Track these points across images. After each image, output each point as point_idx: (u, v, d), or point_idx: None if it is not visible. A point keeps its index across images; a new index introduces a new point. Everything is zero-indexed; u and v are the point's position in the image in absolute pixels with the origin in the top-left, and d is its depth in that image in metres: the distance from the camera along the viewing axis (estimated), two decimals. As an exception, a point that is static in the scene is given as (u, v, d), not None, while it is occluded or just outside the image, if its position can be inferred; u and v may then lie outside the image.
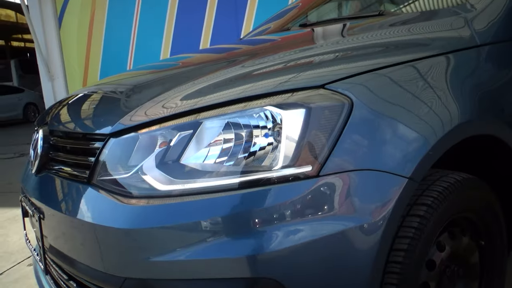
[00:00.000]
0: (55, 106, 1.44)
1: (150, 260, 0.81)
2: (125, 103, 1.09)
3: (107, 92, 1.30)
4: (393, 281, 0.91)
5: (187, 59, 1.67)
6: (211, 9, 6.48)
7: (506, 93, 1.19)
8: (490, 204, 1.17)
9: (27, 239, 1.37)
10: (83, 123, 1.10)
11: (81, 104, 1.28)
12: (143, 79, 1.37)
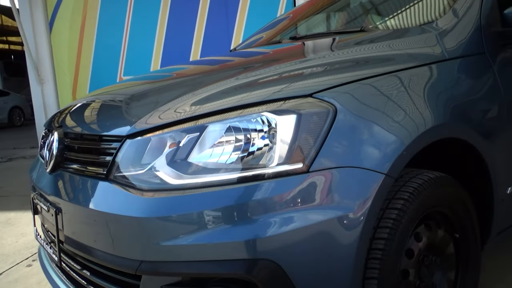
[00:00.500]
0: (64, 111, 1.55)
1: (163, 245, 0.93)
2: (137, 109, 1.21)
3: (116, 98, 1.41)
4: (375, 266, 1.04)
5: (185, 69, 1.79)
6: (202, 16, 6.60)
7: (473, 102, 1.33)
8: (462, 200, 1.31)
9: (38, 234, 1.47)
10: (99, 126, 1.22)
11: (93, 109, 1.39)
12: (149, 87, 1.50)
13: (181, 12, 6.63)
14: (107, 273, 1.09)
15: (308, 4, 2.69)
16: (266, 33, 2.41)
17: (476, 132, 1.32)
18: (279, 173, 0.96)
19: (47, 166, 1.32)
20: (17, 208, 3.46)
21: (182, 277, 0.96)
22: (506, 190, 1.48)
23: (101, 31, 6.94)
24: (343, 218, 0.96)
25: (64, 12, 6.99)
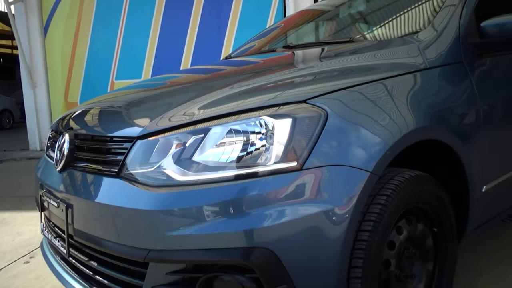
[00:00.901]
0: (70, 114, 1.64)
1: (169, 235, 1.03)
2: (146, 112, 1.31)
3: (123, 103, 1.51)
4: (360, 256, 1.14)
5: (188, 76, 1.90)
6: (194, 24, 6.72)
7: (451, 107, 1.46)
8: (440, 197, 1.42)
9: (45, 229, 1.55)
10: (110, 128, 1.31)
11: (102, 113, 1.48)
12: (154, 93, 1.61)
13: (173, 19, 6.74)
14: (115, 263, 1.18)
15: (299, 14, 2.82)
16: (261, 40, 2.53)
17: (453, 134, 1.45)
18: (275, 170, 1.06)
19: (57, 165, 1.41)
20: (11, 209, 3.50)
21: (186, 264, 1.06)
22: (481, 189, 1.61)
23: (95, 37, 7.02)
24: (332, 211, 1.06)
25: (59, 18, 7.06)
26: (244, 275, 1.03)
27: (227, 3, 6.55)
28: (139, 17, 6.82)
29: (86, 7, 6.97)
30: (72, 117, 1.56)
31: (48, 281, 2.06)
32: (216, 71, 1.91)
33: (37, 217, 3.18)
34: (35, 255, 2.43)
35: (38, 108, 7.32)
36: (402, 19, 1.94)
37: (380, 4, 2.26)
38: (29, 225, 3.00)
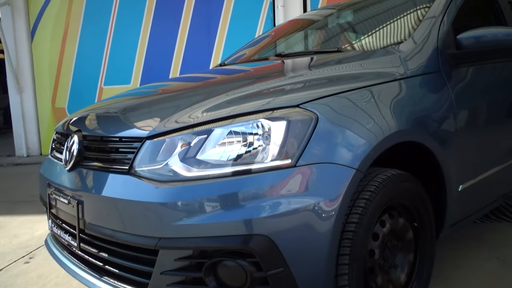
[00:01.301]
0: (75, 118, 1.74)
1: (177, 224, 1.14)
2: (154, 115, 1.42)
3: (130, 107, 1.62)
4: (347, 244, 1.27)
5: (191, 82, 2.02)
6: (183, 28, 6.82)
7: (429, 112, 1.61)
8: (420, 195, 1.56)
9: (53, 226, 1.64)
10: (119, 129, 1.41)
11: (109, 116, 1.59)
12: (159, 97, 1.72)
13: (163, 25, 6.83)
14: (125, 252, 1.29)
15: (290, 23, 2.96)
16: (253, 48, 2.67)
17: (431, 138, 1.59)
18: (271, 167, 1.19)
19: (66, 164, 1.51)
20: (4, 213, 3.54)
21: (193, 251, 1.17)
22: (458, 188, 1.76)
23: (83, 41, 7.05)
24: (322, 203, 1.19)
25: (46, 22, 7.07)
26: (245, 259, 1.15)
27: (216, 10, 6.68)
28: (128, 22, 6.89)
29: (74, 11, 7.01)
30: (79, 120, 1.66)
31: (50, 279, 2.14)
32: (214, 78, 2.03)
33: (32, 220, 3.25)
34: (34, 256, 2.49)
35: (25, 114, 7.29)
36: (386, 30, 2.09)
37: (365, 16, 2.42)
38: (25, 228, 3.05)
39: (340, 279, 1.27)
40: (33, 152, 7.31)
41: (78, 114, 1.78)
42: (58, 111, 7.23)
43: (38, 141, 7.32)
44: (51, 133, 7.21)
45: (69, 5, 7.02)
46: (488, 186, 2.01)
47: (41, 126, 7.34)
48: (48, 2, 7.05)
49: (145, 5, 6.85)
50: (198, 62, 6.81)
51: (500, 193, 2.20)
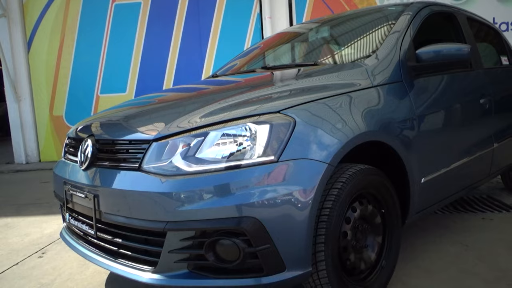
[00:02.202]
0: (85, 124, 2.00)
1: (181, 209, 1.40)
2: (157, 121, 1.68)
3: (135, 114, 1.89)
4: (323, 226, 1.54)
5: (188, 92, 2.30)
6: (176, 38, 7.10)
7: (392, 116, 1.89)
8: (386, 186, 1.84)
9: (70, 218, 1.89)
10: (128, 133, 1.67)
11: (117, 122, 1.84)
12: (161, 105, 2.00)
13: (156, 34, 7.11)
14: (137, 236, 1.55)
15: (277, 36, 3.25)
16: (243, 60, 2.96)
17: (394, 138, 1.88)
18: (258, 163, 1.46)
19: (82, 165, 1.77)
20: (12, 215, 3.77)
21: (195, 232, 1.43)
22: (420, 180, 2.05)
23: (79, 51, 7.28)
24: (300, 192, 1.46)
25: (42, 33, 7.30)
26: (238, 238, 1.41)
27: (207, 21, 6.98)
28: (123, 33, 7.16)
29: (69, 23, 7.25)
30: (91, 126, 1.92)
31: (64, 270, 2.38)
32: (209, 88, 2.31)
33: (39, 221, 3.49)
34: (47, 251, 2.73)
35: (23, 122, 7.48)
36: (356, 45, 2.39)
37: (340, 32, 2.72)
38: (34, 228, 3.29)
39: (317, 255, 1.55)
40: (32, 159, 7.50)
41: (89, 121, 2.04)
42: (56, 119, 7.45)
43: (36, 148, 7.52)
44: (50, 140, 7.44)
45: (64, 17, 7.26)
46: (448, 179, 2.30)
47: (39, 133, 7.54)
48: (43, 14, 7.28)
49: (139, 16, 7.12)
50: (190, 71, 7.09)
51: (461, 186, 2.49)
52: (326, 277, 1.56)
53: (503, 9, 6.59)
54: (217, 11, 6.97)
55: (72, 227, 1.94)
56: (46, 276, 2.32)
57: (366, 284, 1.77)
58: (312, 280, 1.58)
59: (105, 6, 7.18)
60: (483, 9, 6.56)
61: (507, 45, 3.57)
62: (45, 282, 2.23)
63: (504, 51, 3.51)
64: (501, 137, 2.86)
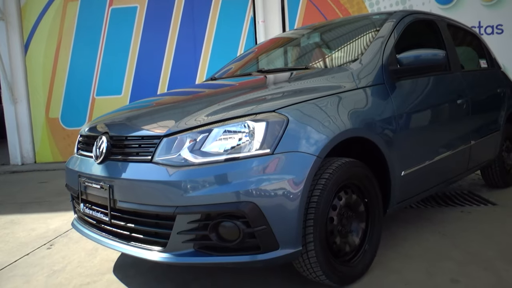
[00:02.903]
0: (97, 123, 2.19)
1: (189, 195, 1.60)
2: (166, 119, 1.89)
3: (145, 112, 2.09)
4: (312, 211, 1.75)
5: (194, 92, 2.52)
6: (171, 41, 7.29)
7: (374, 115, 2.11)
8: (368, 177, 2.06)
9: (85, 207, 2.07)
10: (141, 130, 1.87)
11: (128, 121, 2.04)
12: (169, 105, 2.21)
13: (152, 38, 7.29)
14: (148, 221, 1.74)
15: (270, 41, 3.47)
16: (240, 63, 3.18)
17: (377, 134, 2.09)
18: (256, 155, 1.66)
19: (97, 159, 1.96)
20: (15, 212, 3.92)
21: (201, 215, 1.63)
22: (400, 173, 2.27)
23: (76, 55, 7.44)
24: (292, 180, 1.67)
25: (39, 36, 7.44)
26: (238, 220, 1.62)
27: (202, 24, 7.18)
28: (119, 36, 7.33)
29: (67, 26, 7.41)
30: (104, 124, 2.11)
31: (73, 258, 2.56)
32: (210, 90, 2.51)
33: (43, 217, 3.65)
34: (54, 243, 2.90)
35: (19, 124, 7.59)
36: (343, 51, 2.62)
37: (329, 37, 2.95)
38: (39, 223, 3.45)
39: (307, 237, 1.75)
40: (27, 160, 7.61)
41: (101, 121, 2.23)
42: (51, 121, 7.58)
43: (32, 150, 7.63)
44: (45, 142, 7.58)
45: (61, 20, 7.41)
46: (427, 173, 2.52)
47: (35, 135, 7.65)
48: (41, 18, 7.43)
49: (135, 20, 7.30)
50: (185, 74, 7.29)
51: (439, 180, 2.72)
52: (314, 256, 1.77)
53: (488, 13, 6.89)
54: (212, 16, 7.18)
55: (85, 216, 2.13)
56: (57, 264, 2.49)
57: (350, 265, 1.98)
58: (302, 260, 1.79)
59: (102, 10, 7.34)
60: (469, 13, 6.88)
61: (486, 49, 3.83)
62: (57, 269, 2.41)
63: (483, 54, 3.76)
64: (478, 135, 3.10)
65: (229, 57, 7.07)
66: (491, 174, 3.69)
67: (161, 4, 7.28)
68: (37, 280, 2.27)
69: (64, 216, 3.63)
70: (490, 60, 3.79)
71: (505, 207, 3.19)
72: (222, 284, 2.07)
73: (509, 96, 3.77)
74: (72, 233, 3.09)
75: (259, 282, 2.06)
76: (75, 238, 2.97)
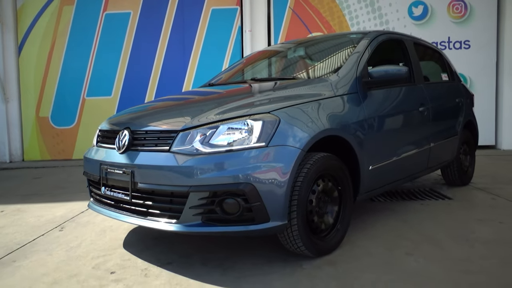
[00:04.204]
0: (121, 119, 2.59)
1: (200, 177, 2.01)
2: (181, 116, 2.30)
3: (163, 109, 2.52)
4: (296, 193, 2.17)
5: (201, 95, 2.97)
6: (162, 46, 7.68)
7: (349, 118, 2.57)
8: (342, 169, 2.51)
9: (107, 189, 2.45)
10: (160, 125, 2.27)
11: (148, 117, 2.45)
12: (181, 105, 2.66)
13: (143, 43, 7.68)
14: (164, 198, 2.15)
15: (259, 53, 3.92)
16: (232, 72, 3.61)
17: (350, 134, 2.55)
18: (253, 147, 2.09)
19: (119, 149, 2.35)
20: (20, 202, 4.20)
21: (209, 193, 2.05)
22: (368, 167, 2.73)
23: (69, 56, 7.73)
24: (282, 167, 2.10)
25: (34, 38, 7.71)
26: (239, 197, 2.04)
27: (191, 31, 7.61)
28: (112, 40, 7.68)
29: (61, 29, 7.69)
30: (125, 120, 2.52)
31: (85, 238, 2.93)
32: (215, 94, 2.95)
33: (48, 206, 3.97)
34: (65, 227, 3.25)
35: (10, 122, 7.79)
36: (324, 64, 3.09)
37: (312, 51, 3.42)
38: (45, 211, 3.77)
39: (292, 214, 2.18)
40: (15, 158, 7.82)
41: (121, 117, 2.64)
42: (41, 120, 7.82)
43: (21, 148, 7.84)
44: (34, 140, 7.85)
45: (56, 23, 7.69)
46: (391, 169, 3.00)
47: (24, 134, 7.87)
48: (36, 20, 7.70)
49: (127, 26, 7.66)
50: (173, 78, 7.69)
51: (402, 175, 3.21)
52: (297, 230, 2.20)
53: (457, 29, 7.55)
54: (201, 24, 7.61)
55: (103, 198, 2.52)
56: (72, 242, 2.85)
57: (325, 240, 2.43)
58: (287, 233, 2.22)
59: (96, 15, 7.67)
60: (440, 29, 7.53)
61: (448, 64, 4.38)
62: (73, 245, 2.77)
63: (445, 69, 4.31)
64: (437, 138, 3.62)
65: (216, 64, 7.58)
66: (450, 173, 4.23)
67: (153, 11, 7.66)
68: (58, 253, 2.63)
69: (67, 206, 3.96)
70: (451, 74, 4.34)
71: (459, 201, 3.71)
72: (219, 256, 2.48)
73: (467, 106, 4.33)
74: (79, 219, 3.44)
75: (248, 255, 2.48)
76: (82, 222, 3.33)
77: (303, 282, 2.09)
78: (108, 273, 2.27)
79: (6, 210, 3.91)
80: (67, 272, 2.30)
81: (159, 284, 2.11)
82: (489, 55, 7.55)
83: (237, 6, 7.57)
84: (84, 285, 2.13)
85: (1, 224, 3.39)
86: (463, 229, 2.90)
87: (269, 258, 2.40)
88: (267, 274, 2.19)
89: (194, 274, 2.21)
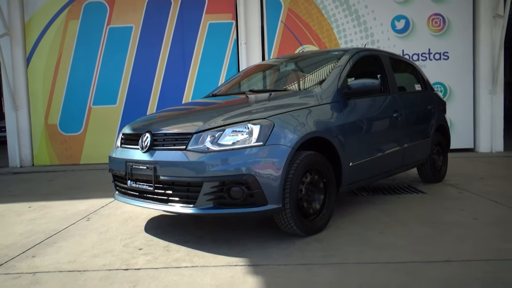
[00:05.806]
0: (142, 124, 3.13)
1: (212, 169, 2.54)
2: (195, 121, 2.85)
3: (176, 116, 3.06)
4: (288, 185, 2.71)
5: (209, 104, 3.53)
6: (163, 58, 8.21)
7: (331, 123, 3.12)
8: (326, 164, 3.06)
9: (133, 183, 2.98)
10: (177, 129, 2.82)
11: (165, 122, 3.00)
12: (194, 111, 3.22)
13: (145, 55, 8.22)
14: (182, 187, 2.68)
15: (256, 66, 4.49)
16: (232, 83, 4.16)
17: (332, 136, 3.10)
18: (253, 145, 2.63)
19: (143, 149, 2.88)
20: (43, 200, 4.68)
21: (219, 182, 2.58)
22: (349, 164, 3.28)
23: (75, 67, 8.24)
24: (277, 162, 2.64)
25: (41, 50, 8.21)
26: (243, 185, 2.58)
27: (190, 44, 8.16)
28: (115, 52, 8.22)
29: (67, 42, 8.20)
30: (146, 125, 3.05)
31: (111, 226, 3.44)
32: (219, 103, 3.51)
33: (69, 203, 4.47)
34: (90, 218, 3.76)
35: (20, 129, 8.27)
36: (312, 76, 3.65)
37: (301, 66, 3.98)
38: (69, 206, 4.27)
39: (285, 200, 2.72)
40: (25, 163, 8.29)
41: (142, 123, 3.18)
42: (50, 127, 8.30)
43: (30, 153, 8.31)
44: (43, 146, 8.37)
45: (62, 37, 8.21)
46: (369, 166, 3.56)
47: (34, 140, 8.35)
48: (43, 34, 8.21)
49: (130, 39, 8.20)
50: (174, 88, 8.22)
51: (380, 171, 3.77)
52: (290, 213, 2.74)
53: (436, 42, 8.16)
54: (199, 37, 8.17)
55: (129, 191, 3.05)
56: (100, 228, 3.37)
57: (314, 222, 2.97)
58: (282, 216, 2.76)
59: (101, 29, 8.20)
60: (421, 41, 8.15)
61: (421, 75, 4.96)
62: (102, 231, 3.29)
63: (418, 80, 4.89)
64: (410, 140, 4.19)
65: (214, 75, 8.17)
66: (425, 171, 4.80)
67: (154, 25, 8.21)
68: (91, 237, 3.14)
69: (87, 202, 4.46)
70: (424, 84, 4.93)
71: (432, 195, 4.28)
72: (226, 236, 3.01)
73: (439, 112, 4.91)
74: (102, 212, 3.96)
75: (250, 235, 3.01)
76: (105, 214, 3.85)
77: (295, 253, 2.63)
78: (137, 249, 2.79)
79: (33, 206, 4.40)
80: (102, 249, 2.82)
81: (179, 256, 2.63)
82: (466, 65, 8.16)
83: (233, 20, 8.14)
84: (119, 257, 2.65)
85: (32, 217, 3.88)
86: (430, 215, 3.45)
87: (267, 238, 2.94)
88: (266, 248, 2.72)
89: (207, 248, 2.74)
